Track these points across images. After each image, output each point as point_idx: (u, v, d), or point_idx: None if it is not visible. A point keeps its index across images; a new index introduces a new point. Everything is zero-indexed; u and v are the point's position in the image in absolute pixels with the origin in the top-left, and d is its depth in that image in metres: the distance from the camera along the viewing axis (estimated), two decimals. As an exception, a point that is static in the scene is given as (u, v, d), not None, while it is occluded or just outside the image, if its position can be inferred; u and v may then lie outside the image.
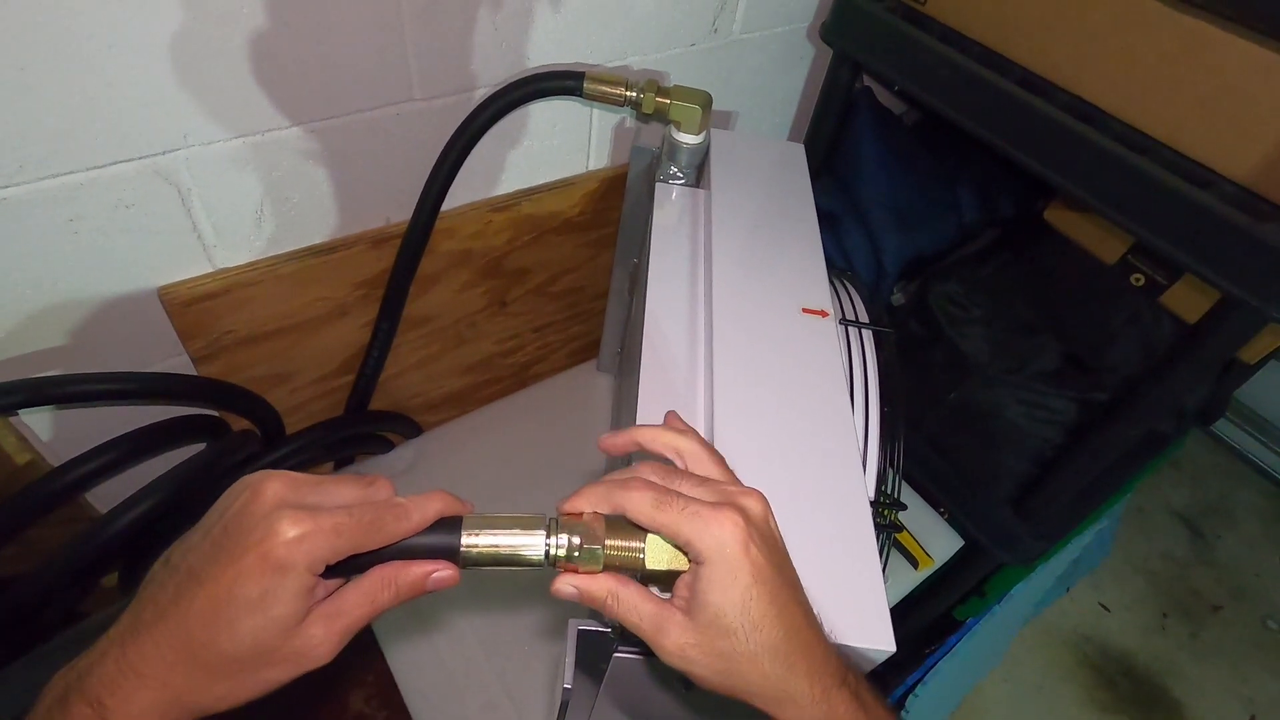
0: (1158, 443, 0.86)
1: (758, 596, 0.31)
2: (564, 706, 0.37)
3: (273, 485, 0.29)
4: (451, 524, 0.32)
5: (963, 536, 0.85)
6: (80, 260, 0.54)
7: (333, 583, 0.31)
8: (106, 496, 0.67)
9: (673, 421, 0.38)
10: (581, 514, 0.33)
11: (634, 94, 0.62)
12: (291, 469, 0.32)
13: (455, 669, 0.68)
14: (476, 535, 0.32)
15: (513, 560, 0.33)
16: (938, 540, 0.84)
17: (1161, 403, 0.67)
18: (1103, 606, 1.60)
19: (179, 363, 0.63)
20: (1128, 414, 0.69)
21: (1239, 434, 1.87)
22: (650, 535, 0.33)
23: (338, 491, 0.31)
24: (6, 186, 0.48)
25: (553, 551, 0.32)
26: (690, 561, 0.33)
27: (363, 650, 0.70)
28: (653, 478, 0.34)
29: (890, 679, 1.08)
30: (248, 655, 0.28)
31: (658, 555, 0.33)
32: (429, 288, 0.74)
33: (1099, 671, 1.49)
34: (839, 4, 0.78)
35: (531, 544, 0.32)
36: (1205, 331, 0.62)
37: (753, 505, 0.33)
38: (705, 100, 0.62)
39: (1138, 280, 0.83)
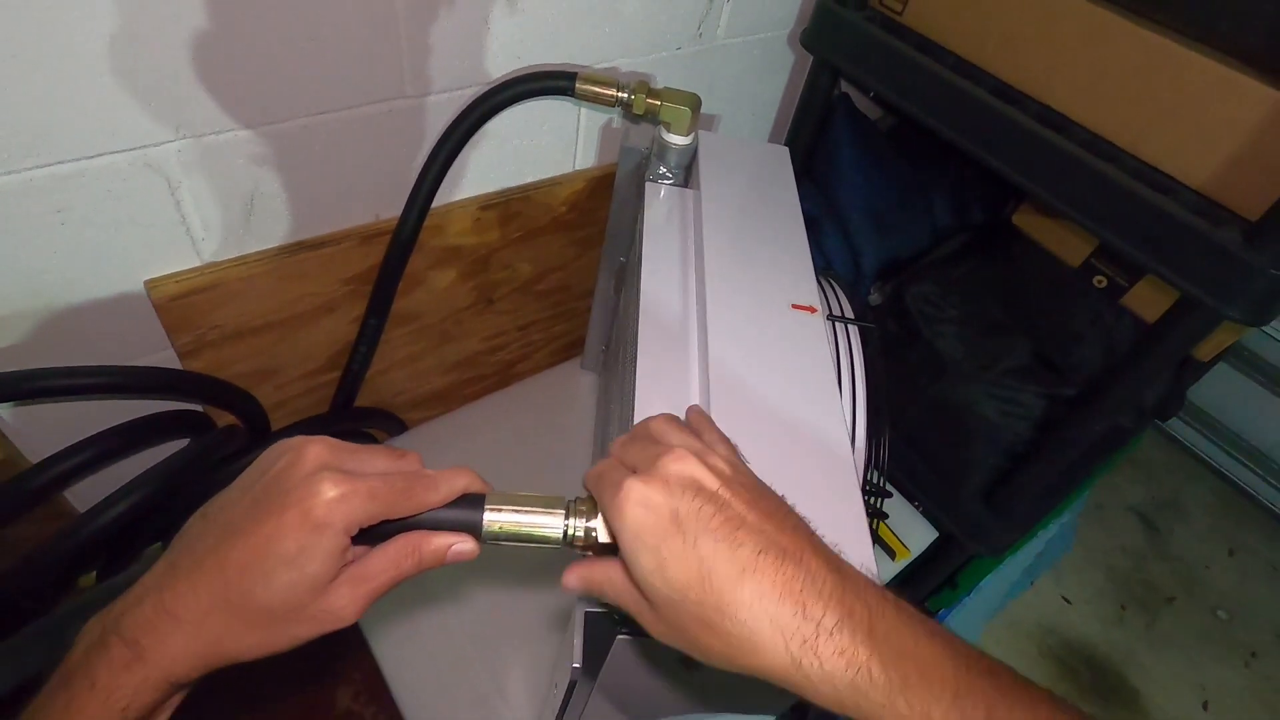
0: (1119, 437, 0.90)
1: (673, 552, 0.29)
2: (571, 685, 0.38)
3: (314, 449, 0.31)
4: (474, 500, 0.33)
5: (936, 529, 0.88)
6: (66, 252, 0.53)
7: (358, 550, 0.32)
8: (85, 496, 0.66)
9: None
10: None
11: (625, 95, 0.63)
12: None
13: (444, 664, 0.68)
14: (499, 512, 0.33)
15: (531, 538, 0.34)
16: (913, 532, 0.87)
17: (1123, 398, 0.70)
18: (1065, 599, 1.65)
19: (164, 357, 0.63)
20: (1092, 409, 0.72)
21: (1191, 433, 1.95)
22: None
23: (372, 460, 0.32)
24: (-6, 176, 0.47)
25: (570, 532, 0.33)
26: None
27: (350, 647, 0.70)
28: (614, 446, 0.35)
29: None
30: (279, 608, 0.29)
31: None
32: (416, 285, 0.74)
33: (1061, 662, 1.54)
34: (819, 12, 0.81)
35: (551, 524, 0.33)
36: (1164, 330, 0.65)
37: (670, 462, 0.31)
38: (695, 102, 0.63)
39: (1100, 282, 0.87)
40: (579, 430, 0.90)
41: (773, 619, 0.27)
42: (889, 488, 0.53)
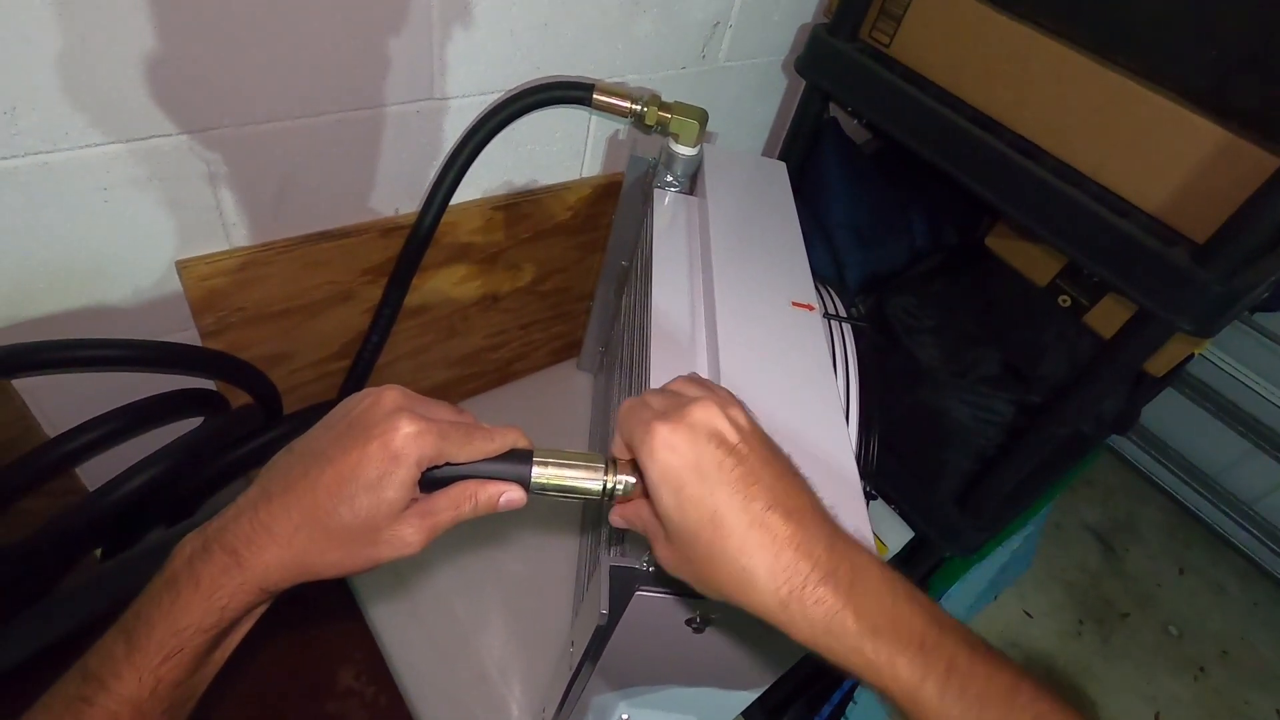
0: (1082, 444, 0.96)
1: (691, 498, 0.32)
2: (598, 630, 0.41)
3: (392, 394, 0.35)
4: (523, 455, 0.37)
5: (912, 529, 0.93)
6: (107, 228, 0.55)
7: (422, 495, 0.36)
8: (96, 475, 0.67)
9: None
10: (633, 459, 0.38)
11: (639, 107, 0.68)
12: None
13: (445, 643, 0.70)
14: (545, 466, 0.37)
15: (575, 491, 0.37)
16: (890, 533, 0.91)
17: (1085, 406, 0.76)
18: (1026, 614, 1.72)
19: (187, 336, 0.65)
20: (1057, 415, 0.78)
21: (1145, 457, 2.05)
22: None
23: (439, 409, 0.36)
24: (51, 151, 0.49)
25: (608, 486, 0.37)
26: None
27: (351, 626, 0.71)
28: (640, 398, 0.38)
29: (837, 673, 1.14)
30: (359, 528, 0.33)
31: None
32: (428, 279, 0.77)
33: (1023, 673, 1.60)
34: (813, 41, 0.87)
35: (592, 479, 0.37)
36: (1123, 340, 0.71)
37: (697, 411, 0.34)
38: (702, 116, 0.68)
39: (1064, 301, 0.93)
40: (575, 428, 0.94)
41: (769, 567, 0.31)
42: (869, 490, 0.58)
